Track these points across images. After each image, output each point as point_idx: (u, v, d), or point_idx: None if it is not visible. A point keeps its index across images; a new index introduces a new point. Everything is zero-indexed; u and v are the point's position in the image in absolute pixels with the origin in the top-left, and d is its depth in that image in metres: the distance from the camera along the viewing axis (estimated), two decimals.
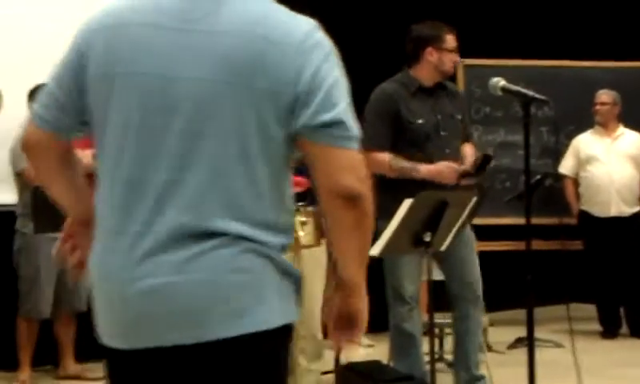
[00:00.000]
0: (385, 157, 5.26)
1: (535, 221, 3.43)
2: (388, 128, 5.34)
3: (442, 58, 5.40)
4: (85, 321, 6.51)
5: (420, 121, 5.35)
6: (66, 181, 2.37)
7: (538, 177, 7.40)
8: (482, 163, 5.20)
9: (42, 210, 5.48)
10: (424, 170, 5.24)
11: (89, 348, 6.43)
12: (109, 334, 2.18)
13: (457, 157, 5.40)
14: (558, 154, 8.10)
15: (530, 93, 3.42)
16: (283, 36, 2.13)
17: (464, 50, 5.76)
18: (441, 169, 5.25)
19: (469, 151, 5.47)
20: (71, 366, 6.70)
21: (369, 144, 5.12)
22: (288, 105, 2.11)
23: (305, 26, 2.18)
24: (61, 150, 2.29)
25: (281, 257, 2.19)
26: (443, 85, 5.52)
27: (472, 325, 5.72)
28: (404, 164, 5.26)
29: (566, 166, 8.13)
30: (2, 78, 6.03)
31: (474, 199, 4.97)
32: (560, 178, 8.14)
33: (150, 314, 2.09)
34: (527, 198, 3.47)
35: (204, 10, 2.14)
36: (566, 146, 8.15)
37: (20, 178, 6.39)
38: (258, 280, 2.12)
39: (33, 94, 6.40)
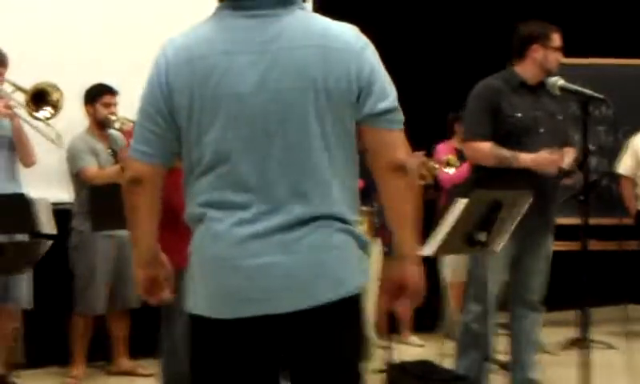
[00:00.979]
0: (486, 145, 5.36)
1: (592, 221, 3.42)
2: (489, 119, 5.40)
3: (548, 55, 5.43)
4: (138, 318, 6.60)
5: (519, 114, 5.40)
6: (154, 218, 2.79)
7: (595, 177, 7.39)
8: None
9: (99, 208, 5.56)
10: (524, 158, 5.30)
11: (142, 344, 6.53)
12: (218, 306, 2.55)
13: None
14: (615, 154, 8.03)
15: (588, 92, 3.41)
16: (343, 43, 2.55)
17: None
18: (541, 159, 5.29)
19: (568, 153, 5.45)
20: (124, 362, 6.73)
21: (471, 134, 5.53)
22: (355, 98, 2.53)
23: (353, 32, 2.62)
24: (160, 181, 2.70)
25: (358, 231, 2.64)
26: (545, 84, 5.45)
27: (529, 326, 5.73)
28: (505, 152, 5.32)
29: (623, 166, 8.01)
30: (56, 79, 6.00)
31: (530, 200, 4.99)
32: (617, 177, 8.06)
33: (262, 287, 2.49)
34: (584, 197, 3.45)
35: (275, 31, 2.52)
36: (624, 145, 8.06)
37: (77, 177, 6.43)
38: (347, 254, 2.58)
39: (89, 96, 6.50)
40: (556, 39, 5.46)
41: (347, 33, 2.60)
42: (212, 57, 2.52)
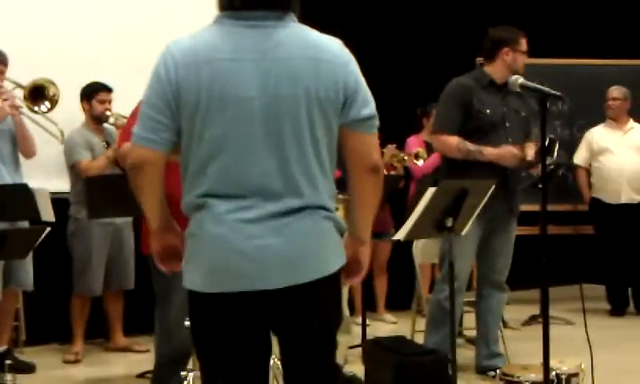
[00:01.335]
0: (454, 139, 5.48)
1: (550, 207, 3.49)
2: (459, 115, 5.52)
3: (516, 58, 5.62)
4: (132, 298, 6.64)
5: (488, 111, 5.55)
6: (160, 193, 2.81)
7: (553, 167, 7.44)
8: (548, 148, 5.28)
9: (94, 197, 5.58)
10: (488, 152, 5.44)
11: (136, 322, 6.58)
12: (218, 281, 2.65)
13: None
14: (571, 146, 8.08)
15: (546, 89, 3.47)
16: (331, 56, 2.70)
17: None
18: (504, 153, 5.46)
19: (530, 146, 5.58)
20: (120, 339, 6.76)
21: (440, 128, 5.64)
22: (341, 105, 2.69)
23: (339, 45, 2.77)
24: (163, 165, 2.73)
25: (337, 218, 2.79)
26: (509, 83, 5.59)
27: (495, 305, 5.83)
28: (471, 147, 5.45)
29: (579, 157, 8.14)
30: (56, 77, 6.01)
31: (492, 187, 5.06)
32: (573, 168, 8.15)
33: (262, 265, 2.61)
34: (543, 186, 3.51)
35: (273, 42, 2.64)
36: (579, 138, 8.16)
37: (73, 169, 6.45)
38: (330, 238, 2.74)
39: (86, 93, 6.52)
40: (523, 43, 5.65)
41: (335, 47, 2.74)
42: (218, 62, 2.62)
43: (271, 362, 2.98)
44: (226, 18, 2.69)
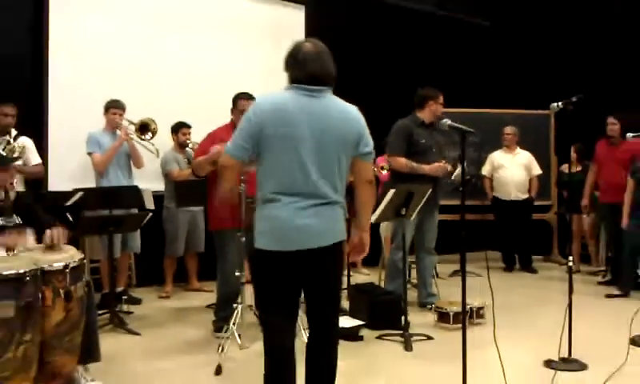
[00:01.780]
0: (403, 160, 5.54)
1: (467, 202, 3.46)
2: (404, 143, 5.56)
3: (437, 108, 5.71)
4: (202, 257, 6.63)
5: (423, 141, 5.60)
6: (233, 182, 3.07)
7: (468, 176, 7.45)
8: (456, 164, 5.51)
9: (180, 194, 5.58)
10: (426, 168, 5.52)
11: (205, 273, 6.57)
12: (281, 244, 2.82)
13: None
14: (479, 163, 8.12)
15: (465, 127, 3.44)
16: (353, 116, 2.93)
17: None
18: (436, 167, 5.54)
19: (447, 165, 5.63)
20: (195, 283, 6.74)
21: (393, 152, 5.66)
22: (356, 144, 2.91)
23: (356, 109, 2.96)
24: (239, 170, 2.99)
25: (344, 208, 2.95)
26: (434, 123, 5.69)
27: (428, 263, 5.82)
28: (414, 165, 5.52)
29: (485, 170, 8.10)
30: (155, 116, 6.03)
31: (430, 191, 5.05)
32: (481, 177, 8.11)
33: (307, 234, 2.81)
34: (462, 188, 3.48)
35: (322, 106, 2.85)
36: (484, 158, 8.14)
37: (166, 176, 6.45)
38: (340, 220, 2.91)
39: (174, 128, 6.51)
40: (441, 98, 5.73)
41: (354, 110, 2.94)
42: (289, 114, 2.79)
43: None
44: (294, 88, 2.86)
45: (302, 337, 3.55)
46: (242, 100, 4.85)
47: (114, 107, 5.85)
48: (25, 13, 6.19)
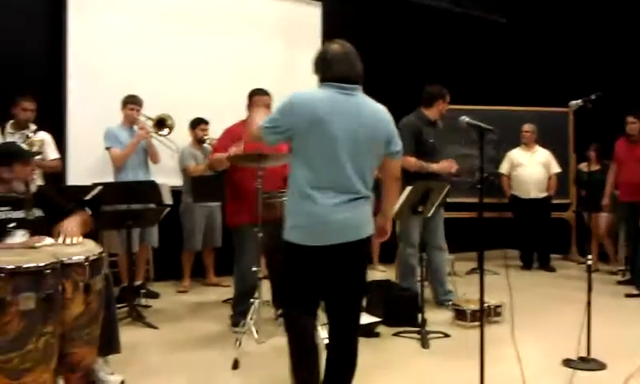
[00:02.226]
0: (412, 159, 5.42)
1: (485, 200, 3.44)
2: (413, 143, 5.47)
3: (444, 106, 5.68)
4: (220, 252, 6.65)
5: (431, 140, 5.56)
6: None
7: (486, 174, 7.40)
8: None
9: (197, 189, 5.60)
10: (435, 166, 5.51)
11: (222, 267, 6.59)
12: (317, 239, 2.87)
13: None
14: (497, 161, 8.08)
15: (483, 125, 3.42)
16: (383, 116, 3.03)
17: None
18: (444, 166, 5.54)
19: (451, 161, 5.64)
20: (212, 277, 6.77)
21: (405, 152, 5.43)
22: (386, 144, 3.03)
23: (385, 109, 3.06)
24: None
25: (371, 202, 3.02)
26: (437, 121, 5.67)
27: (441, 260, 5.78)
28: (423, 164, 5.47)
29: (503, 168, 8.06)
30: (173, 112, 6.05)
31: (447, 187, 5.03)
32: (499, 175, 8.08)
33: (342, 228, 2.88)
34: (480, 186, 3.46)
35: (354, 104, 2.91)
36: (502, 156, 8.10)
37: (184, 172, 6.47)
38: (370, 215, 3.00)
39: (192, 124, 6.53)
40: (448, 97, 5.70)
41: (384, 110, 3.04)
42: (325, 109, 2.83)
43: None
44: (328, 86, 2.91)
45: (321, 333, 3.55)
46: (257, 96, 4.86)
47: (131, 103, 5.87)
48: (44, 8, 6.25)
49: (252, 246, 4.58)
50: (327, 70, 2.93)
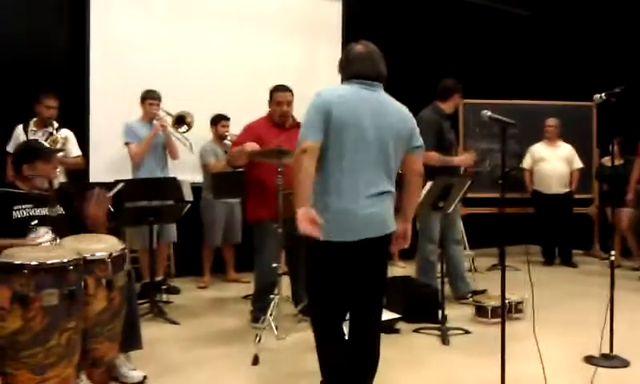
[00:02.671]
0: (435, 154, 5.41)
1: (507, 195, 3.42)
2: (434, 138, 5.44)
3: (460, 101, 5.75)
4: (240, 248, 6.67)
5: (450, 135, 5.60)
6: (312, 175, 2.86)
7: (508, 169, 7.37)
8: (483, 156, 5.52)
9: (218, 185, 5.63)
10: (456, 160, 5.60)
11: (242, 264, 6.61)
12: (344, 234, 2.88)
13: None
14: (520, 156, 8.02)
15: (505, 119, 3.39)
16: (406, 115, 3.08)
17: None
18: (464, 159, 5.65)
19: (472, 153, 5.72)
20: (232, 274, 6.78)
21: (426, 148, 5.44)
22: (409, 140, 3.06)
23: (406, 109, 3.10)
24: (317, 155, 2.87)
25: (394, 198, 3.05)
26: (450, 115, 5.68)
27: (459, 254, 5.76)
28: (445, 158, 5.49)
29: (525, 163, 8.00)
30: (194, 108, 6.07)
31: (469, 182, 5.00)
32: (521, 170, 8.01)
33: (369, 223, 2.90)
34: (502, 181, 3.44)
35: (378, 100, 2.98)
36: (525, 151, 8.03)
37: (204, 168, 6.48)
38: (392, 210, 3.03)
39: (213, 120, 6.55)
40: (461, 91, 5.71)
41: (405, 109, 3.09)
42: (351, 104, 2.89)
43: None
44: (354, 83, 2.97)
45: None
46: (278, 92, 4.88)
47: (149, 98, 5.89)
48: (66, 6, 6.31)
49: (272, 242, 4.60)
50: (350, 68, 3.00)
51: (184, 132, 5.99)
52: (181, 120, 5.96)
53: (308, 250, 3.00)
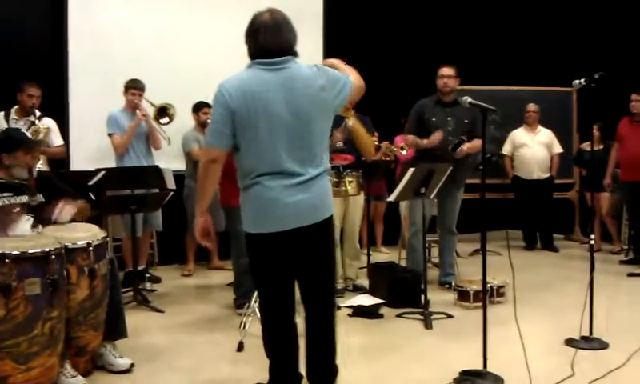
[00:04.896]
0: (410, 137, 5.62)
1: (487, 181, 3.44)
2: (416, 122, 5.60)
3: (439, 82, 5.61)
4: (224, 235, 6.65)
5: (434, 119, 5.56)
6: (216, 184, 2.82)
7: (489, 155, 7.42)
8: (458, 144, 5.34)
9: None
10: (425, 141, 5.51)
11: (226, 251, 6.58)
12: (267, 226, 2.72)
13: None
14: (500, 142, 8.07)
15: (486, 105, 3.41)
16: (313, 74, 2.74)
17: None
18: (432, 139, 5.44)
19: (477, 142, 5.44)
20: (216, 261, 6.78)
21: (406, 131, 5.78)
22: (332, 96, 2.78)
23: (314, 66, 2.78)
24: (224, 160, 2.74)
25: (330, 173, 2.87)
26: (456, 101, 5.47)
27: (449, 243, 5.79)
28: (417, 140, 5.56)
29: (505, 149, 8.05)
30: (176, 96, 6.03)
31: (450, 168, 5.03)
32: (502, 156, 8.06)
33: (298, 212, 2.70)
34: (483, 167, 3.46)
35: (285, 78, 2.69)
36: (505, 137, 8.07)
37: (187, 155, 6.43)
38: (329, 192, 2.81)
39: (195, 108, 6.49)
40: (441, 71, 5.63)
41: (313, 68, 2.77)
42: (257, 92, 2.65)
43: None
44: (255, 64, 2.74)
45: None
46: None
47: (132, 87, 5.84)
48: None
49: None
50: (253, 41, 2.77)
51: (165, 124, 5.95)
52: (163, 111, 5.92)
53: (246, 242, 2.87)
